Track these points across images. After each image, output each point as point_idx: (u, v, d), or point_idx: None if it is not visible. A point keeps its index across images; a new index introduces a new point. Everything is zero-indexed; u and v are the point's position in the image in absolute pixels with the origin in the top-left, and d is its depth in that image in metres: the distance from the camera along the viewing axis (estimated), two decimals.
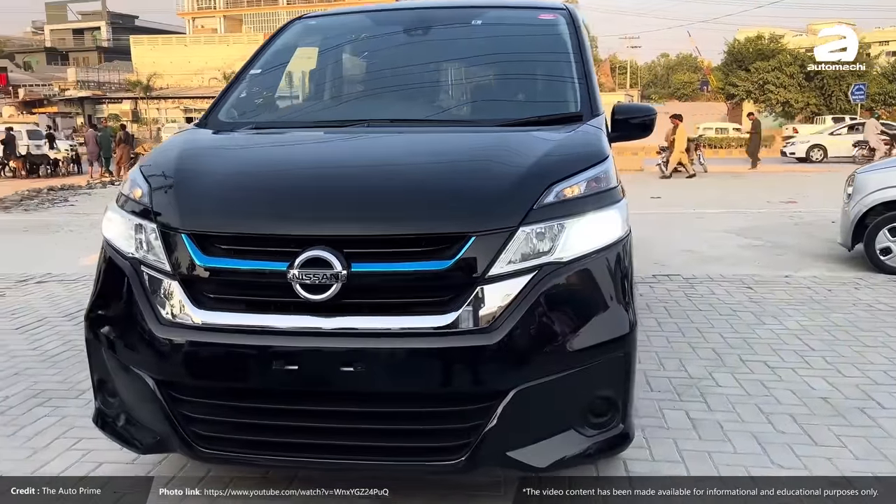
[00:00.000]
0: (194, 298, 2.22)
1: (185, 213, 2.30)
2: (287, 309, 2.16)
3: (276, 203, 2.29)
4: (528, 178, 2.29)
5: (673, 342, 4.44)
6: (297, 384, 2.16)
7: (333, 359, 2.12)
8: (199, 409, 2.26)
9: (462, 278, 2.13)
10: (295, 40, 3.61)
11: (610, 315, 2.29)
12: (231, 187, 2.36)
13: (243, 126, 2.97)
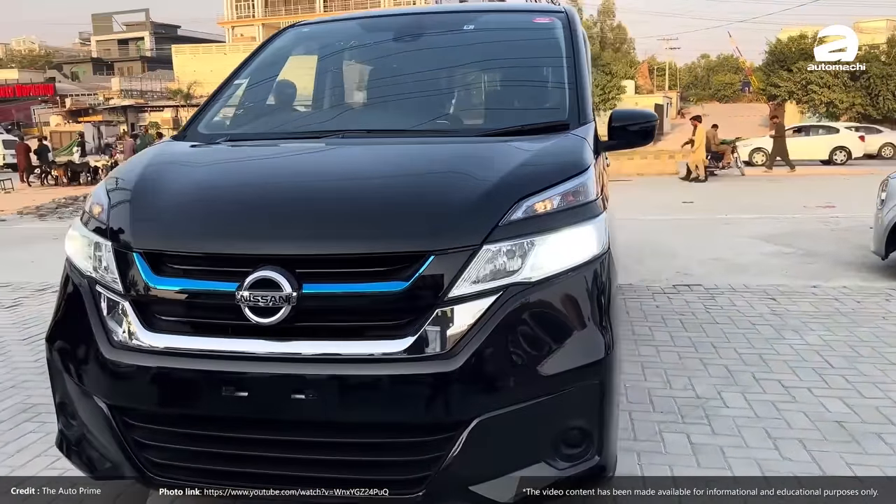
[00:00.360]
0: (145, 321, 2.14)
1: (138, 231, 2.21)
2: (237, 332, 2.05)
3: (228, 220, 2.19)
4: (494, 193, 2.15)
5: (684, 358, 4.24)
6: (248, 412, 2.05)
7: (284, 386, 2.01)
8: (151, 435, 2.16)
9: (420, 300, 2.00)
10: (285, 49, 3.53)
11: (583, 339, 2.13)
12: (185, 204, 2.26)
13: (220, 138, 2.88)
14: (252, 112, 3.23)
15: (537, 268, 2.09)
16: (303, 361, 2.00)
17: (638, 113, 3.25)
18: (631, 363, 4.14)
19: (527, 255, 2.09)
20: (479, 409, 2.00)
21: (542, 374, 2.05)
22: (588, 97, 2.91)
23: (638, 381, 3.87)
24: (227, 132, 2.99)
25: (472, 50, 3.34)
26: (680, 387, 3.77)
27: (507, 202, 2.12)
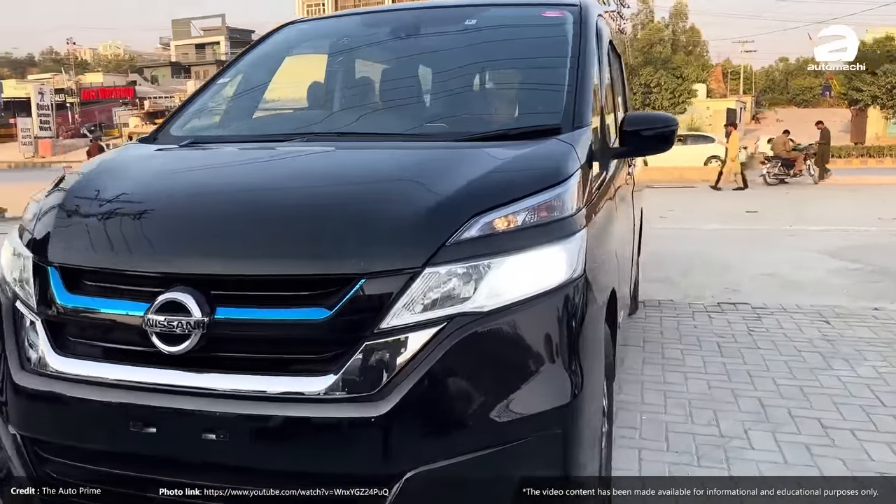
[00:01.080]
0: (57, 342, 1.93)
1: (56, 243, 2.01)
2: (146, 361, 1.82)
3: (143, 234, 1.96)
4: (446, 206, 1.86)
5: (714, 387, 3.83)
6: (159, 450, 1.82)
7: (193, 424, 1.77)
8: (62, 470, 1.95)
9: (346, 331, 1.73)
10: (277, 48, 3.31)
11: (543, 380, 1.82)
12: (106, 216, 2.05)
13: (186, 140, 2.68)
14: (228, 113, 3.02)
15: (492, 295, 1.79)
16: (214, 397, 1.76)
17: (654, 117, 2.91)
18: (653, 392, 3.77)
19: (480, 279, 1.79)
20: (412, 462, 1.71)
21: (491, 422, 1.75)
22: (588, 99, 2.57)
23: (657, 413, 3.49)
24: (195, 134, 2.78)
25: (469, 48, 3.04)
26: (703, 422, 3.38)
27: (459, 218, 1.83)
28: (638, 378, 3.98)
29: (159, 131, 2.86)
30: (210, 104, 3.02)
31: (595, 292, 2.06)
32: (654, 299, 5.87)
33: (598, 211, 2.37)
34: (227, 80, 3.13)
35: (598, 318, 2.09)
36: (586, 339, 1.94)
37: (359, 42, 3.29)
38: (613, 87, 3.77)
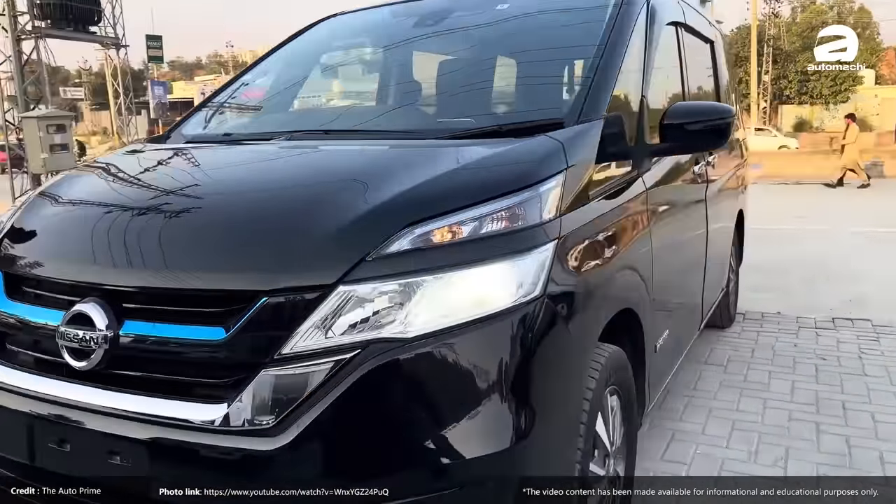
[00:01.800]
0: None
1: (6, 248, 1.97)
2: (61, 373, 1.73)
3: (70, 242, 1.88)
4: (371, 216, 1.63)
5: (795, 420, 3.32)
6: (72, 469, 1.73)
7: (97, 444, 1.66)
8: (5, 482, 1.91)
9: (245, 355, 1.55)
10: (304, 43, 3.19)
11: (478, 421, 1.55)
12: (50, 222, 1.99)
13: (184, 139, 2.60)
14: (236, 110, 2.92)
15: (418, 319, 1.54)
16: (117, 418, 1.63)
17: (703, 108, 2.55)
18: (719, 421, 3.32)
19: (406, 301, 1.55)
20: None
21: (409, 467, 1.51)
22: (604, 91, 2.24)
23: (715, 446, 3.06)
24: (196, 133, 2.69)
25: (494, 38, 2.76)
26: (767, 461, 2.91)
27: (387, 228, 1.60)
28: (707, 404, 3.53)
29: (172, 130, 2.80)
30: (227, 101, 2.94)
31: (574, 314, 1.76)
32: (758, 311, 5.27)
33: (604, 218, 2.05)
34: (251, 77, 3.04)
35: (573, 346, 1.78)
36: (545, 371, 1.65)
37: (383, 34, 3.10)
38: (683, 74, 3.35)
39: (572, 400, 1.78)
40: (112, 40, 18.00)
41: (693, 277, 3.29)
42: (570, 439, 1.78)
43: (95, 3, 16.48)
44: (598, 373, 1.96)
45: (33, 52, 14.96)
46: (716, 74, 4.38)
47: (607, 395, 2.10)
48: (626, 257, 2.20)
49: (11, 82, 15.21)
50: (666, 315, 2.74)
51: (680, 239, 2.95)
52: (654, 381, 2.61)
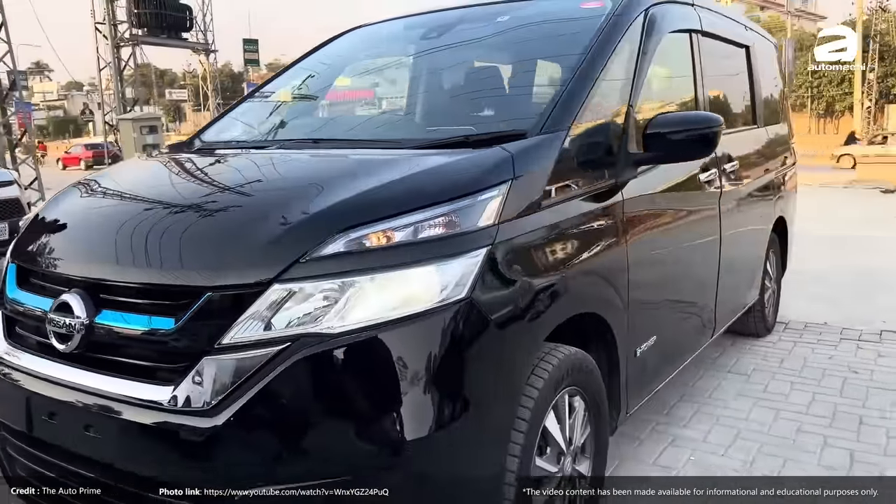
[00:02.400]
0: (9, 330, 2.16)
1: (20, 242, 2.25)
2: (47, 352, 1.98)
3: (64, 239, 2.13)
4: (308, 220, 1.79)
5: (804, 432, 3.26)
6: (57, 437, 1.97)
7: (75, 415, 1.88)
8: (11, 446, 2.18)
9: (190, 343, 1.73)
10: (325, 52, 3.39)
11: (394, 413, 1.68)
12: (57, 220, 2.25)
13: (201, 146, 2.84)
14: (252, 119, 3.14)
15: (347, 316, 1.69)
16: (87, 393, 1.86)
17: (688, 117, 2.61)
18: (724, 430, 3.32)
19: (338, 298, 1.70)
20: (239, 483, 1.67)
21: (327, 452, 1.66)
22: (574, 102, 2.31)
23: (711, 454, 3.06)
24: (213, 140, 2.93)
25: (486, 48, 2.88)
26: (761, 473, 2.90)
27: (321, 232, 1.75)
28: (717, 412, 3.52)
29: (194, 138, 3.05)
30: (244, 110, 3.18)
31: (508, 316, 1.87)
32: (802, 321, 5.14)
33: (559, 225, 2.13)
34: (269, 90, 3.26)
35: (506, 346, 1.88)
36: (469, 367, 1.77)
37: (396, 45, 3.26)
38: (697, 82, 3.36)
39: (504, 396, 1.88)
40: (202, 46, 19.02)
41: (695, 286, 3.29)
42: (502, 432, 1.88)
43: (187, 11, 17.46)
44: (548, 372, 2.05)
45: (130, 59, 15.97)
46: (751, 80, 4.32)
47: (564, 395, 2.18)
48: (590, 264, 2.26)
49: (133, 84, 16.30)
50: (652, 322, 2.77)
51: (675, 247, 2.96)
52: (634, 385, 2.66)
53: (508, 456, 1.91)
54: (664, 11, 3.00)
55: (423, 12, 3.38)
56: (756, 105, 4.35)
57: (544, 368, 2.06)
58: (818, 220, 11.34)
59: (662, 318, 2.90)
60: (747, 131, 4.12)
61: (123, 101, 15.69)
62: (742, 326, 4.68)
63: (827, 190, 15.77)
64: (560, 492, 2.20)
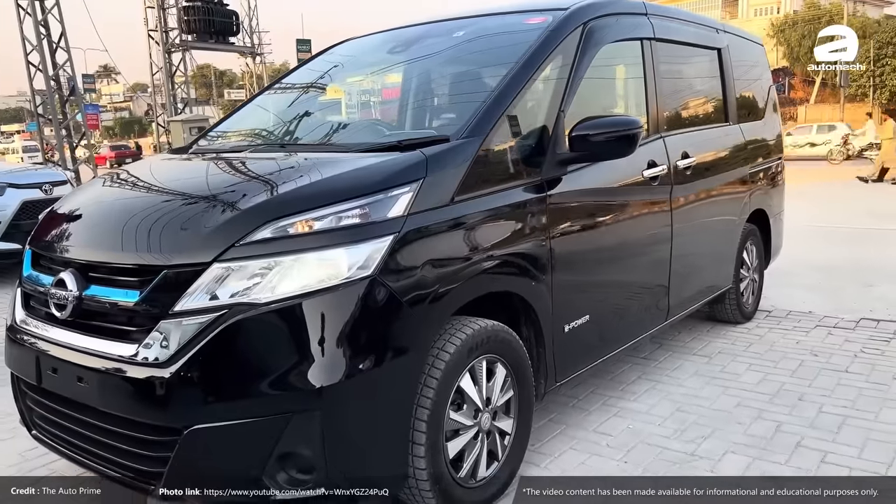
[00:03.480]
0: (25, 304, 2.66)
1: (36, 232, 2.75)
2: (50, 320, 2.46)
3: (68, 226, 2.61)
4: (244, 211, 2.23)
5: (742, 406, 3.55)
6: (59, 387, 2.44)
7: (70, 370, 2.35)
8: (28, 398, 2.68)
9: (150, 311, 2.18)
10: (308, 66, 3.85)
11: (305, 366, 2.09)
12: (63, 212, 2.73)
13: (194, 150, 3.31)
14: (238, 127, 3.60)
15: (270, 290, 2.11)
16: (78, 351, 2.32)
17: (609, 121, 2.93)
18: (668, 403, 3.62)
19: (264, 276, 2.12)
20: (190, 419, 2.11)
21: (254, 395, 2.09)
22: (496, 110, 2.67)
23: (647, 424, 3.38)
24: (202, 146, 3.40)
25: (436, 61, 3.26)
26: (687, 438, 3.21)
27: (253, 221, 2.18)
28: (669, 389, 3.83)
29: (193, 142, 3.53)
30: (237, 117, 3.65)
31: (413, 290, 2.26)
32: (785, 309, 5.36)
33: (473, 216, 2.50)
34: (261, 99, 3.72)
35: (412, 315, 2.26)
36: (376, 329, 2.18)
37: (368, 59, 3.68)
38: (648, 87, 3.67)
39: (409, 356, 2.27)
40: (249, 49, 19.84)
41: (639, 272, 3.59)
42: (408, 385, 2.27)
43: (234, 16, 18.29)
44: (461, 340, 2.44)
45: (181, 63, 16.85)
46: (723, 80, 4.57)
47: (481, 361, 2.56)
48: (505, 250, 2.62)
49: (185, 86, 17.22)
50: (583, 302, 3.11)
51: (610, 237, 3.27)
52: (563, 358, 3.01)
53: (418, 407, 2.31)
54: (605, 23, 3.32)
55: (399, 27, 3.79)
56: (728, 104, 4.60)
57: (457, 337, 2.44)
58: (839, 212, 11.32)
59: (596, 300, 3.23)
60: (712, 129, 4.39)
61: (175, 103, 16.65)
62: (718, 313, 4.96)
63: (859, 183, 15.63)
64: (477, 440, 2.58)
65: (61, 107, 15.48)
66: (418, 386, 2.31)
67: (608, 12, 3.40)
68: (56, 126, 15.16)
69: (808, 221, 8.97)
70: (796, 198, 7.55)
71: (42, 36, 14.74)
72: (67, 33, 15.15)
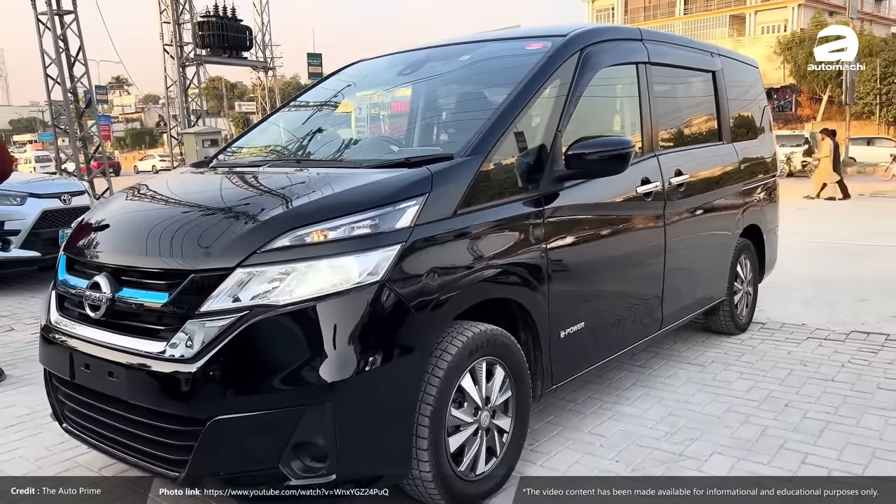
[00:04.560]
0: (60, 305, 2.88)
1: (70, 238, 2.97)
2: (84, 320, 2.68)
3: (101, 233, 2.83)
4: (264, 222, 2.43)
5: (730, 412, 3.73)
6: (90, 382, 2.65)
7: (102, 365, 2.56)
8: (60, 393, 2.89)
9: (179, 311, 2.39)
10: (322, 85, 4.08)
11: (317, 363, 2.29)
12: (94, 221, 2.96)
13: (213, 165, 3.54)
14: (256, 143, 3.83)
15: (289, 293, 2.32)
16: (110, 348, 2.53)
17: (602, 141, 3.13)
18: (661, 408, 3.81)
19: (283, 280, 2.33)
20: (213, 411, 2.32)
21: (273, 389, 2.30)
22: (497, 130, 2.88)
23: (639, 427, 3.56)
24: (222, 160, 3.63)
25: (442, 84, 3.49)
26: (676, 440, 3.39)
27: (273, 231, 2.39)
28: (662, 395, 4.01)
29: (213, 157, 3.76)
30: (257, 131, 3.88)
31: (418, 295, 2.46)
32: (778, 321, 5.53)
33: (475, 228, 2.71)
34: (277, 116, 3.96)
35: (417, 318, 2.46)
36: (383, 329, 2.38)
37: (377, 79, 3.92)
38: (643, 108, 3.88)
39: (413, 356, 2.46)
40: (261, 63, 20.22)
41: (632, 284, 3.78)
42: (412, 383, 2.47)
43: (247, 32, 18.67)
44: (462, 343, 2.64)
45: (195, 77, 17.21)
46: (717, 101, 4.78)
47: (482, 362, 2.75)
48: (504, 260, 2.82)
49: (198, 99, 17.60)
50: (578, 311, 3.30)
51: (605, 250, 3.47)
52: (560, 361, 3.20)
53: (422, 403, 2.51)
54: (601, 49, 3.54)
55: (405, 50, 4.03)
56: (721, 124, 4.81)
57: (459, 339, 2.64)
58: (840, 228, 11.49)
59: (591, 308, 3.43)
60: (706, 148, 4.59)
61: (188, 116, 17.01)
62: (713, 325, 5.14)
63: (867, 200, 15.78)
64: (477, 437, 2.77)
65: (77, 118, 15.84)
66: (422, 383, 2.51)
67: (605, 38, 3.63)
68: (73, 138, 15.50)
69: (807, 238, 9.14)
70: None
71: (61, 50, 15.11)
72: (84, 46, 15.53)
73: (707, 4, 55.73)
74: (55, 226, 7.76)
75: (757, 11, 54.01)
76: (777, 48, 42.67)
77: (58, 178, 11.14)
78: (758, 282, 5.53)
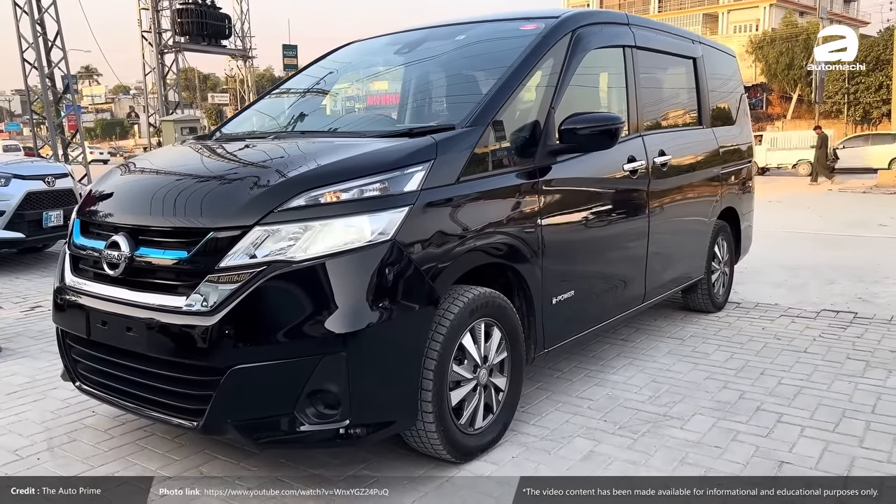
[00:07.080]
0: (74, 267, 2.98)
1: (82, 204, 3.07)
2: (101, 279, 2.78)
3: (115, 197, 2.94)
4: (280, 183, 2.56)
5: (709, 379, 3.93)
6: (108, 338, 2.76)
7: (120, 321, 2.67)
8: (74, 351, 2.99)
9: (198, 267, 2.51)
10: (319, 64, 4.20)
11: (332, 315, 2.42)
12: (107, 186, 3.06)
13: (219, 137, 3.65)
14: (259, 116, 3.95)
15: (304, 250, 2.45)
16: (130, 305, 2.65)
17: (593, 116, 3.28)
18: (644, 375, 3.99)
19: (298, 237, 2.46)
20: (232, 360, 2.44)
21: (286, 339, 2.43)
22: (495, 104, 3.03)
23: (625, 391, 3.75)
24: (228, 132, 3.74)
25: (447, 61, 3.64)
26: (661, 403, 3.58)
27: (289, 191, 2.52)
28: (644, 364, 4.20)
29: (217, 129, 3.86)
30: (257, 108, 3.99)
31: (422, 255, 2.60)
32: (752, 301, 5.77)
33: (475, 195, 2.86)
34: (278, 91, 4.06)
35: (421, 276, 2.60)
36: (391, 285, 2.51)
37: (378, 57, 4.05)
38: (629, 88, 4.05)
39: (419, 311, 2.61)
40: (240, 52, 20.16)
41: (616, 255, 3.96)
42: (419, 336, 2.61)
43: (226, 20, 18.62)
44: (463, 303, 2.78)
45: (173, 64, 17.13)
46: (697, 87, 4.98)
47: (480, 323, 2.90)
48: (501, 227, 2.98)
49: (176, 87, 17.51)
50: (569, 279, 3.47)
51: (593, 221, 3.63)
52: (552, 326, 3.36)
53: (426, 358, 2.65)
54: (591, 31, 3.71)
55: (401, 31, 4.16)
56: (702, 109, 5.02)
57: (461, 300, 2.79)
58: (817, 220, 11.86)
59: (579, 278, 3.60)
60: (687, 131, 4.80)
61: (166, 104, 16.93)
62: (692, 303, 5.36)
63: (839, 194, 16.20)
64: (476, 393, 2.92)
65: (55, 104, 15.68)
66: (426, 339, 2.66)
67: (594, 21, 3.80)
68: (51, 124, 15.35)
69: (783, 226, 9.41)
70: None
71: (38, 34, 14.95)
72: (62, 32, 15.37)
73: (681, 2, 56.45)
74: (39, 208, 7.77)
75: (729, 10, 54.86)
76: (749, 47, 43.39)
77: (40, 160, 11.05)
78: (734, 263, 5.76)
